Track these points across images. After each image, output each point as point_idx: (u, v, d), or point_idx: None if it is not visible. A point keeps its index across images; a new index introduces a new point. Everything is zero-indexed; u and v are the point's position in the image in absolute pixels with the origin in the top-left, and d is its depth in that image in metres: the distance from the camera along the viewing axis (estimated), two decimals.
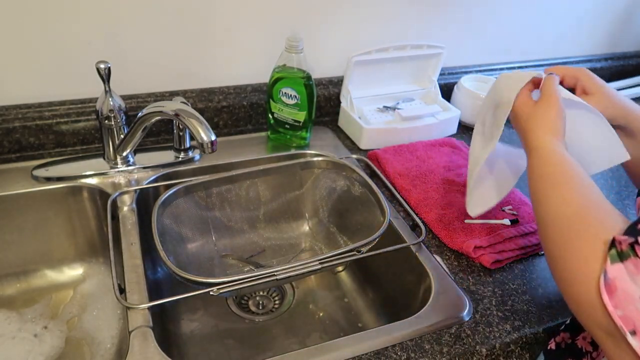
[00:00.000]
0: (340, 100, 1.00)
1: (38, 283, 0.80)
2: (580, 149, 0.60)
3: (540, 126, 0.58)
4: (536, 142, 0.57)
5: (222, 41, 0.89)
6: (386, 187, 0.85)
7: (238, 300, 0.81)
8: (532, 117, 0.59)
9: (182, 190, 0.76)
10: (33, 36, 0.77)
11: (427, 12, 1.02)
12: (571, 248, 0.47)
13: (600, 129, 0.60)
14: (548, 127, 0.57)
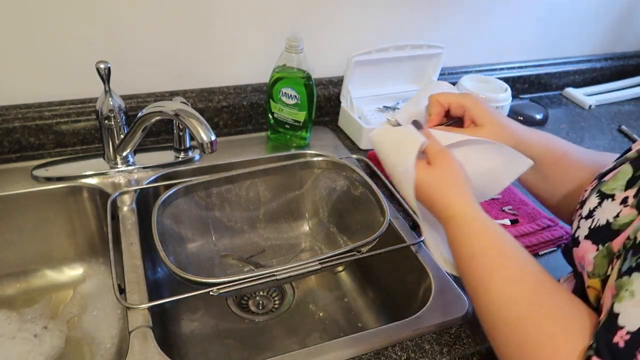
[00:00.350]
0: (340, 100, 1.00)
1: (38, 283, 0.80)
2: (486, 176, 0.58)
3: (446, 191, 0.52)
4: (450, 211, 0.51)
5: (222, 41, 0.89)
6: (386, 187, 0.85)
7: (238, 300, 0.81)
8: (433, 184, 0.53)
9: (182, 190, 0.76)
10: (33, 36, 0.77)
11: (427, 12, 1.02)
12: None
13: (496, 150, 0.57)
14: (455, 189, 0.52)
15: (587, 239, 0.44)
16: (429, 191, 0.53)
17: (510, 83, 1.13)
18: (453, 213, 0.51)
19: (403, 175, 0.55)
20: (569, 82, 1.29)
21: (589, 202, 0.47)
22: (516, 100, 1.17)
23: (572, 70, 1.28)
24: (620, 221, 0.42)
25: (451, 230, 0.51)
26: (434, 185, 0.53)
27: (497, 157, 0.58)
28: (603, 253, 0.42)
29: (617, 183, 0.45)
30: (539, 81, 1.25)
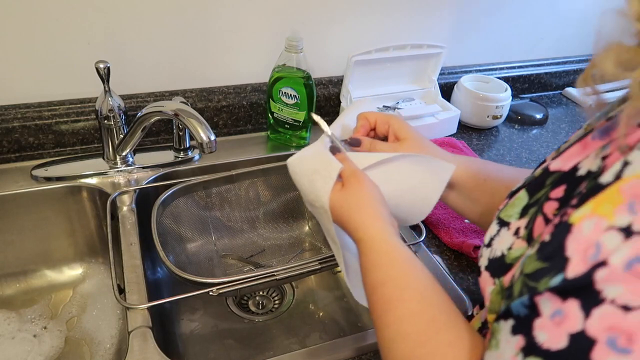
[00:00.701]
0: (340, 100, 1.00)
1: (38, 283, 0.80)
2: (412, 194, 0.56)
3: (357, 212, 0.50)
4: (360, 233, 0.49)
5: (221, 41, 0.89)
6: None
7: (238, 300, 0.81)
8: (345, 207, 0.50)
9: (182, 190, 0.76)
10: (32, 36, 0.77)
11: (427, 12, 1.02)
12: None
13: (416, 163, 0.56)
14: (366, 211, 0.50)
15: (487, 270, 0.41)
16: (341, 213, 0.51)
17: (510, 83, 1.13)
18: (362, 236, 0.48)
19: (321, 211, 0.52)
20: (569, 82, 1.29)
21: (491, 229, 0.44)
22: (516, 100, 1.17)
23: (572, 70, 1.28)
24: (513, 254, 0.39)
25: (361, 254, 0.49)
26: (345, 207, 0.50)
27: (419, 171, 0.56)
28: (497, 289, 0.39)
29: (514, 210, 0.42)
30: (539, 81, 1.25)
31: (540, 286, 0.30)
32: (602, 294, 0.26)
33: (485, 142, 1.05)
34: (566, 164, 0.38)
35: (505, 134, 1.09)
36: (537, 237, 0.36)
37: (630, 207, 0.27)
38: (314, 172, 0.54)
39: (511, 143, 1.06)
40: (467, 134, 1.06)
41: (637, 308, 0.25)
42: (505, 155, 1.01)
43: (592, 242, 0.28)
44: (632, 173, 0.28)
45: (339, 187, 0.52)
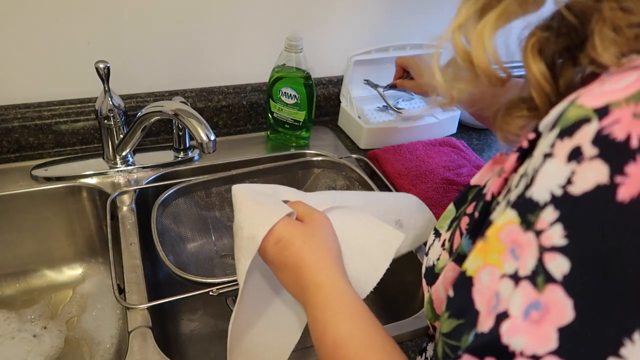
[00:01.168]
0: (340, 100, 1.00)
1: (37, 283, 0.80)
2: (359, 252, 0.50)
3: (320, 252, 0.44)
4: (322, 278, 0.42)
5: (221, 41, 0.89)
6: (386, 187, 0.85)
7: None
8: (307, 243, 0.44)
9: (182, 190, 0.76)
10: (32, 36, 0.77)
11: (427, 12, 1.02)
12: None
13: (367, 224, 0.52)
14: (329, 254, 0.44)
15: (425, 278, 0.41)
16: (296, 251, 0.43)
17: None
18: (324, 281, 0.42)
19: (247, 241, 0.45)
20: None
21: (429, 238, 0.43)
22: None
23: None
24: (439, 264, 0.39)
25: (316, 304, 0.41)
26: (304, 246, 0.43)
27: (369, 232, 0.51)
28: (428, 298, 0.39)
29: (445, 222, 0.42)
30: None
31: (462, 345, 0.29)
32: (510, 348, 0.25)
33: (485, 142, 1.05)
34: (482, 179, 0.38)
35: None
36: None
37: (512, 252, 0.27)
38: (262, 203, 0.47)
39: None
40: (467, 134, 1.06)
41: (545, 355, 0.24)
42: None
43: (492, 292, 0.28)
44: (506, 219, 0.27)
45: (293, 221, 0.46)
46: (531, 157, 0.28)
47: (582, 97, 0.26)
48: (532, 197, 0.26)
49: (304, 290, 0.43)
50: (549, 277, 0.24)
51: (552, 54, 0.31)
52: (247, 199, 0.48)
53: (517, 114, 0.34)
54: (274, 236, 0.44)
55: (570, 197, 0.24)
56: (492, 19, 0.32)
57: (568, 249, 0.24)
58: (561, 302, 0.24)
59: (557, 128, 0.26)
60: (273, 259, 0.45)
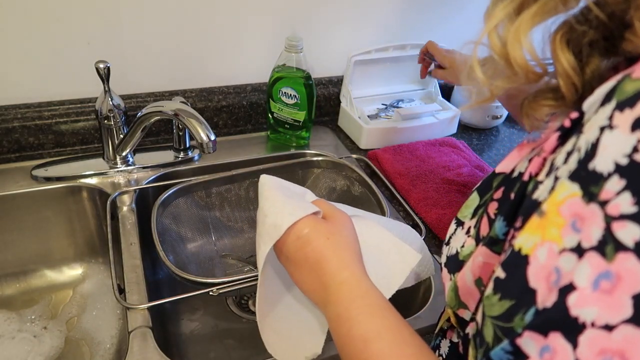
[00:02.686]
0: (340, 100, 1.00)
1: (38, 283, 0.80)
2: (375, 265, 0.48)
3: (343, 249, 0.43)
4: (345, 274, 0.42)
5: (221, 41, 0.89)
6: (386, 187, 0.85)
7: (238, 300, 0.81)
8: (330, 239, 0.43)
9: (182, 190, 0.76)
10: (32, 36, 0.77)
11: (427, 12, 1.02)
12: None
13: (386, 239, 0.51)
14: (350, 250, 0.44)
15: (445, 267, 0.42)
16: (319, 245, 0.42)
17: None
18: (348, 278, 0.41)
19: (269, 228, 0.44)
20: None
21: (450, 228, 0.44)
22: None
23: None
24: (464, 252, 0.39)
25: (339, 301, 0.40)
26: (330, 240, 0.43)
27: (388, 246, 0.50)
28: (452, 285, 0.40)
29: (468, 210, 0.42)
30: None
31: (516, 326, 0.29)
32: (580, 319, 0.25)
33: (485, 142, 1.05)
34: (508, 166, 0.39)
35: (505, 134, 1.09)
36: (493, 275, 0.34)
37: (572, 226, 0.27)
38: (289, 196, 0.47)
39: (511, 143, 1.05)
40: (467, 134, 1.06)
41: (619, 324, 0.24)
42: (505, 155, 1.01)
43: (550, 268, 0.28)
44: (568, 193, 0.28)
45: (317, 218, 0.45)
46: (579, 133, 0.29)
47: (637, 71, 0.27)
48: (596, 169, 0.26)
49: (324, 287, 0.42)
50: (620, 245, 0.24)
51: (579, 45, 0.33)
52: (275, 189, 0.48)
53: (543, 102, 0.35)
54: (295, 231, 0.43)
55: (637, 164, 0.24)
56: (529, 17, 0.33)
57: (638, 216, 0.24)
58: (634, 269, 0.24)
59: (612, 102, 0.27)
60: (292, 254, 0.44)
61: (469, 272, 0.37)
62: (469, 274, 0.37)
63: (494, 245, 0.35)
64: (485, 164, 0.92)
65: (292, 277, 0.46)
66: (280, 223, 0.43)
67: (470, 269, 0.37)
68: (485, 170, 0.90)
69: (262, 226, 0.45)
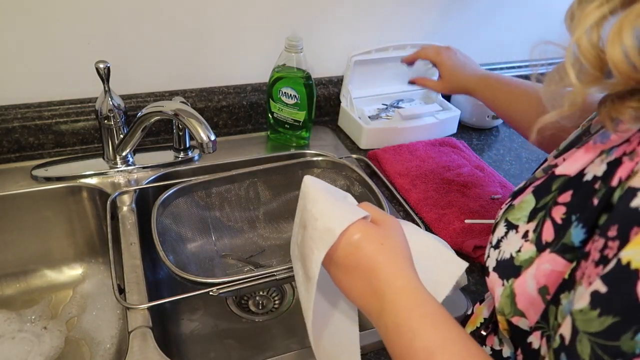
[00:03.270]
0: (340, 100, 1.00)
1: (38, 283, 0.80)
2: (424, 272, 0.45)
3: (397, 255, 0.41)
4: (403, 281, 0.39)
5: (221, 40, 0.89)
6: (386, 187, 0.85)
7: (238, 300, 0.81)
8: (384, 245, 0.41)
9: (182, 190, 0.76)
10: (32, 36, 0.77)
11: (427, 12, 1.02)
12: None
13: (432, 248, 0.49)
14: (404, 256, 0.42)
15: (495, 272, 0.41)
16: (373, 253, 0.40)
17: None
18: (405, 285, 0.39)
19: (322, 232, 0.41)
20: None
21: (498, 230, 0.43)
22: None
23: None
24: (521, 257, 0.38)
25: (397, 310, 0.38)
26: (384, 246, 0.41)
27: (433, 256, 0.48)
28: (507, 292, 0.39)
29: (522, 213, 0.41)
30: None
31: (624, 345, 0.27)
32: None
33: (485, 142, 1.05)
34: (571, 167, 0.38)
35: (505, 134, 1.09)
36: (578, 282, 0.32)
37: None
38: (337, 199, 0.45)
39: (511, 143, 1.06)
40: (467, 134, 1.06)
41: None
42: (505, 155, 1.01)
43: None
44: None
45: (368, 222, 0.43)
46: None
47: None
48: None
49: (378, 295, 0.39)
50: None
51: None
52: (322, 192, 0.45)
53: (629, 104, 0.33)
54: (347, 236, 0.41)
55: None
56: (634, 15, 0.30)
57: None
58: None
59: None
60: (342, 260, 0.41)
61: (531, 279, 0.36)
62: (531, 281, 0.36)
63: (566, 252, 0.34)
64: (485, 164, 0.92)
65: (340, 283, 0.43)
66: (333, 227, 0.41)
67: (532, 276, 0.36)
68: (485, 170, 0.90)
69: (312, 230, 0.43)
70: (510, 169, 0.96)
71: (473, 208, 0.79)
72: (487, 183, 0.86)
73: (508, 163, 0.98)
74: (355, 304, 0.42)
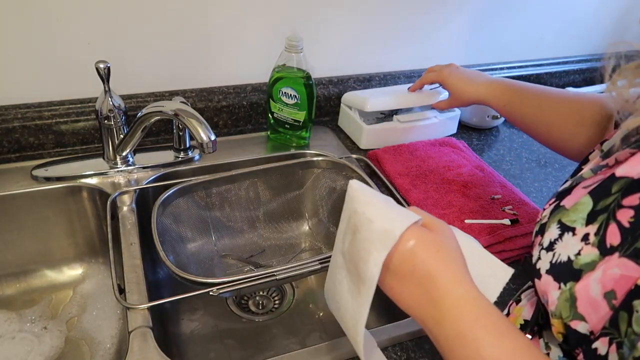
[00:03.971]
0: (340, 100, 1.00)
1: (38, 283, 0.80)
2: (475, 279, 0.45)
3: (454, 262, 0.40)
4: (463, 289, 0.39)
5: (222, 41, 0.89)
6: (386, 187, 0.85)
7: (238, 300, 0.81)
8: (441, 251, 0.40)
9: (182, 190, 0.76)
10: (33, 36, 0.77)
11: (426, 12, 1.02)
12: None
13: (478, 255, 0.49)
14: (462, 262, 0.41)
15: (549, 274, 0.40)
16: (429, 260, 0.39)
17: None
18: (465, 294, 0.38)
19: (380, 234, 0.40)
20: (569, 82, 1.29)
21: (550, 232, 0.42)
22: None
23: (572, 70, 1.28)
24: (582, 260, 0.38)
25: (459, 318, 0.37)
26: (440, 253, 0.39)
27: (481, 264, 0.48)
28: (566, 295, 0.38)
29: (578, 215, 0.40)
30: (539, 81, 1.25)
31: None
32: None
33: (485, 142, 1.05)
34: (634, 170, 0.38)
35: (505, 134, 1.09)
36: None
37: None
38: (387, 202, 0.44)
39: (511, 143, 1.06)
40: (467, 134, 1.06)
41: None
42: (505, 155, 1.01)
43: None
44: None
45: (422, 228, 0.42)
46: None
47: None
48: None
49: (436, 303, 0.38)
50: None
51: None
52: (372, 195, 0.44)
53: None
54: (402, 241, 0.39)
55: None
56: None
57: None
58: None
59: None
60: (396, 266, 0.40)
61: (595, 283, 0.35)
62: (595, 285, 0.35)
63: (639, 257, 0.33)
64: (485, 164, 0.92)
65: (391, 290, 0.41)
66: (392, 228, 0.39)
67: (598, 280, 0.35)
68: (485, 170, 0.90)
69: (368, 232, 0.41)
70: (510, 169, 0.96)
71: (473, 208, 0.79)
72: (487, 183, 0.86)
73: (508, 163, 0.98)
74: (409, 312, 0.41)
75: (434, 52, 1.08)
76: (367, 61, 1.03)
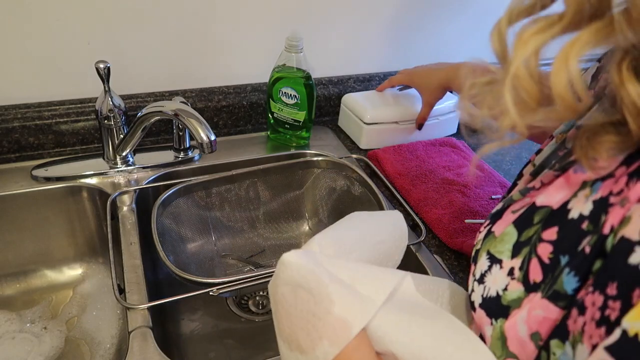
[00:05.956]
0: (340, 100, 1.00)
1: (38, 283, 0.80)
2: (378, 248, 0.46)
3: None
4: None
5: (221, 41, 0.89)
6: (386, 187, 0.85)
7: (238, 300, 0.81)
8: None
9: (182, 190, 0.76)
10: (33, 36, 0.77)
11: (426, 11, 1.02)
12: None
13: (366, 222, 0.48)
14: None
15: (482, 309, 0.39)
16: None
17: None
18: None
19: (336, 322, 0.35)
20: None
21: (481, 263, 0.40)
22: None
23: None
24: (509, 296, 0.36)
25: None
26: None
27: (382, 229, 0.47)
28: (497, 333, 0.37)
29: (504, 247, 0.39)
30: None
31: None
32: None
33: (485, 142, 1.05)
34: (553, 199, 0.36)
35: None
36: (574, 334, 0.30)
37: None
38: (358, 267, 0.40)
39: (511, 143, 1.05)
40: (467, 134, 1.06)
41: None
42: (505, 155, 1.01)
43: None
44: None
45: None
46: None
47: None
48: None
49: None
50: None
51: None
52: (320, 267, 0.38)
53: (605, 139, 0.31)
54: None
55: None
56: (581, 44, 0.29)
57: None
58: None
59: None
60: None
61: (522, 323, 0.34)
62: (522, 325, 0.34)
63: (559, 300, 0.32)
64: (485, 164, 0.92)
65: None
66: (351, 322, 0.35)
67: (524, 321, 0.34)
68: (485, 170, 0.90)
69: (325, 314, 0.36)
70: (510, 169, 0.96)
71: (473, 208, 0.79)
72: (487, 183, 0.86)
73: (508, 163, 0.98)
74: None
75: (434, 52, 1.08)
76: (367, 61, 1.03)
